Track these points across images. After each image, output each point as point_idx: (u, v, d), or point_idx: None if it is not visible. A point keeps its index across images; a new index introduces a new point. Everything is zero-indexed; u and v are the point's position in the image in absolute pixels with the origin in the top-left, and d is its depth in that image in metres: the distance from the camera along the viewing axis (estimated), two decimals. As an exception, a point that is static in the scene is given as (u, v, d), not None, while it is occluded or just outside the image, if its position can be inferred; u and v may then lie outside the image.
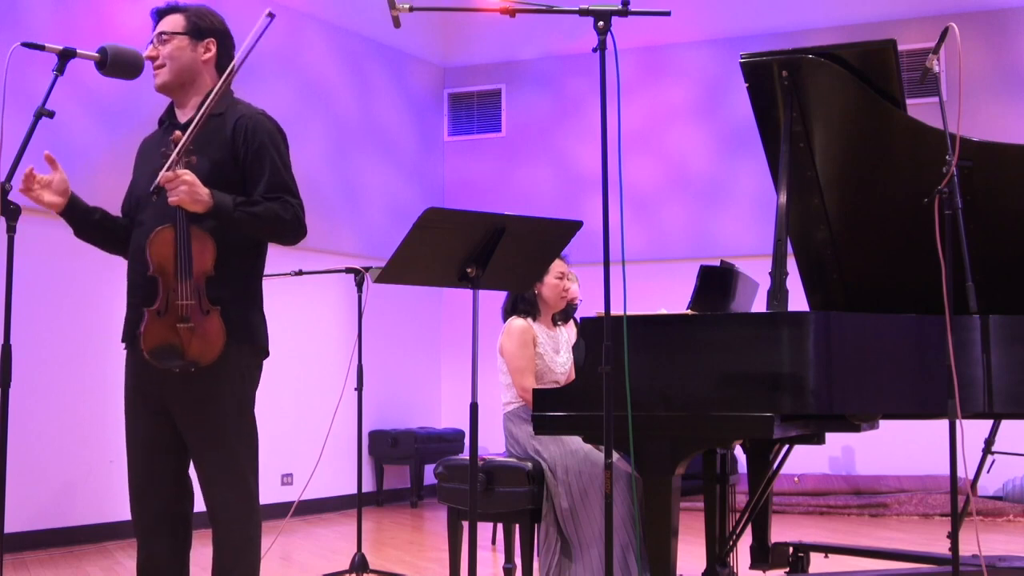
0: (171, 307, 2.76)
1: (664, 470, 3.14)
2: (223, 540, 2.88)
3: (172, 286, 2.77)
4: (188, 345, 2.76)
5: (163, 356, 2.77)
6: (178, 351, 2.76)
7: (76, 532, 6.44)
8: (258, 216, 2.82)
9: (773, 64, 3.51)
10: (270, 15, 2.77)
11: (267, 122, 2.96)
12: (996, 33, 8.38)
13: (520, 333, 4.20)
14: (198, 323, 2.76)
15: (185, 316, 2.75)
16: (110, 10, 6.87)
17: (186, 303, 2.75)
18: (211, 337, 2.78)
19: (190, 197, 2.72)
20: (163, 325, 2.76)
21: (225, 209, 2.78)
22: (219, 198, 2.77)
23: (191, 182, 2.72)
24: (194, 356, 2.76)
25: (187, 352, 2.76)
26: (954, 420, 3.00)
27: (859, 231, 3.80)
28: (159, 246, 2.79)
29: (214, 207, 2.76)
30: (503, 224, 2.95)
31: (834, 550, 4.42)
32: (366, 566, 4.85)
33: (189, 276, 2.76)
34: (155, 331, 2.77)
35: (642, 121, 9.05)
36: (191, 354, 2.76)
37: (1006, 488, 7.73)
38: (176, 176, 2.71)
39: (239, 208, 2.80)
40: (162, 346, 2.76)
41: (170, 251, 2.78)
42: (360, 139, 8.93)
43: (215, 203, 2.76)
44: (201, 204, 2.74)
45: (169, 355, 2.76)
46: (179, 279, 2.76)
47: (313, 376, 7.87)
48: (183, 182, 2.71)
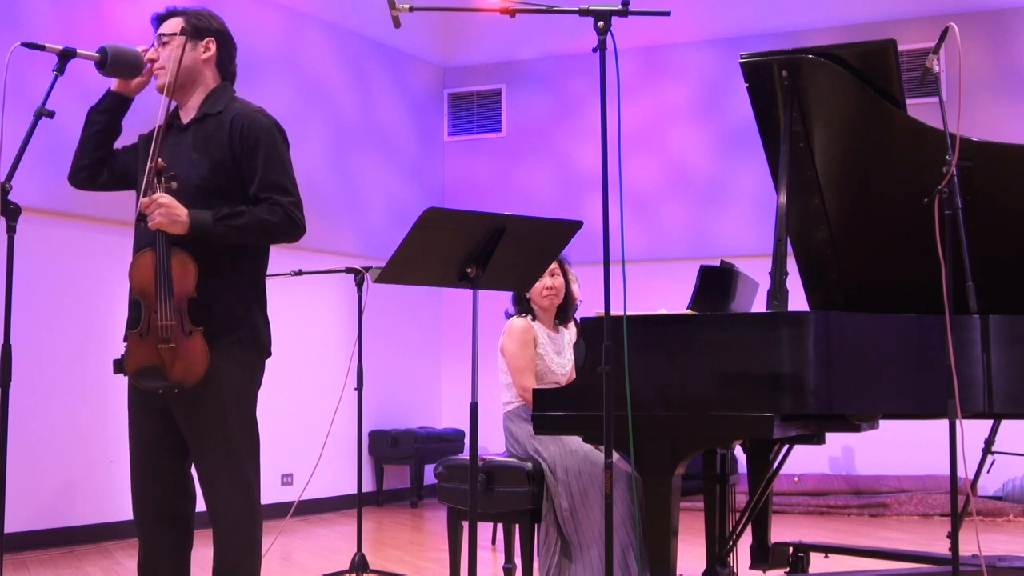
0: (152, 328, 2.78)
1: (664, 470, 3.14)
2: (224, 541, 2.88)
3: (153, 307, 2.79)
4: (171, 366, 2.77)
5: (146, 377, 2.79)
6: (160, 372, 2.77)
7: (76, 532, 6.44)
8: (242, 228, 2.83)
9: (773, 64, 3.51)
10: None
11: (263, 119, 2.95)
12: (996, 33, 8.38)
13: (521, 333, 4.20)
14: (179, 344, 2.77)
15: (165, 337, 2.76)
16: (110, 10, 6.87)
17: (166, 324, 2.76)
18: (193, 358, 2.79)
19: (168, 220, 2.76)
20: (145, 347, 2.78)
21: (205, 227, 2.79)
22: (196, 217, 2.78)
23: (167, 204, 2.75)
24: (177, 377, 2.77)
25: (170, 373, 2.77)
26: (954, 420, 3.00)
27: (859, 231, 3.80)
28: (139, 270, 2.83)
29: (192, 227, 2.78)
30: (503, 224, 2.95)
31: (834, 550, 4.42)
32: (366, 566, 4.85)
33: (170, 297, 2.77)
34: (137, 352, 2.80)
35: (642, 121, 9.05)
36: (174, 375, 2.77)
37: (1006, 488, 7.73)
38: (152, 201, 2.75)
39: (220, 223, 2.81)
40: (144, 367, 2.78)
41: (150, 274, 2.80)
42: (360, 139, 8.93)
43: (192, 223, 2.78)
44: (180, 225, 2.77)
45: (151, 376, 2.78)
46: (159, 300, 2.77)
47: (313, 376, 7.87)
48: (159, 205, 2.75)
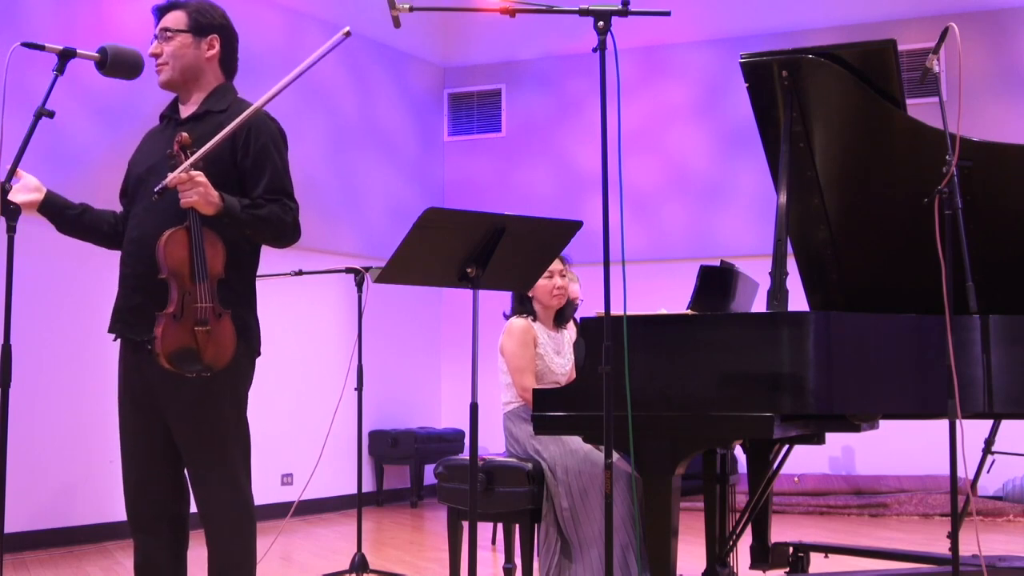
0: (188, 310, 2.73)
1: (664, 470, 3.14)
2: (218, 542, 2.86)
3: (188, 289, 2.73)
4: (204, 349, 2.72)
5: (182, 361, 2.72)
6: (196, 355, 2.72)
7: (76, 532, 6.44)
8: (262, 219, 2.83)
9: (773, 64, 3.51)
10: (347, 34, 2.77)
11: (270, 123, 2.95)
12: (996, 33, 8.38)
13: (521, 333, 4.20)
14: (214, 326, 2.74)
15: (203, 319, 2.72)
16: (110, 10, 6.87)
17: (204, 305, 2.72)
18: (224, 340, 2.76)
19: (204, 199, 2.71)
20: (181, 329, 2.72)
21: (234, 211, 2.77)
22: (229, 200, 2.76)
23: (205, 184, 2.71)
24: (210, 360, 2.74)
25: (203, 356, 2.73)
26: (954, 420, 3.00)
27: (859, 231, 3.80)
28: (174, 248, 2.75)
29: (224, 209, 2.75)
30: (503, 224, 2.95)
31: (834, 550, 4.42)
32: (366, 566, 4.85)
33: (205, 278, 2.73)
34: (173, 335, 2.71)
35: (642, 121, 9.05)
36: (207, 358, 2.73)
37: (1006, 488, 7.73)
38: (190, 178, 2.69)
39: (245, 210, 2.80)
40: (181, 350, 2.71)
41: (185, 253, 2.74)
42: (360, 139, 8.93)
43: (225, 205, 2.75)
44: (213, 207, 2.73)
45: (188, 359, 2.72)
46: (196, 282, 2.73)
47: (313, 376, 7.87)
48: (197, 183, 2.69)
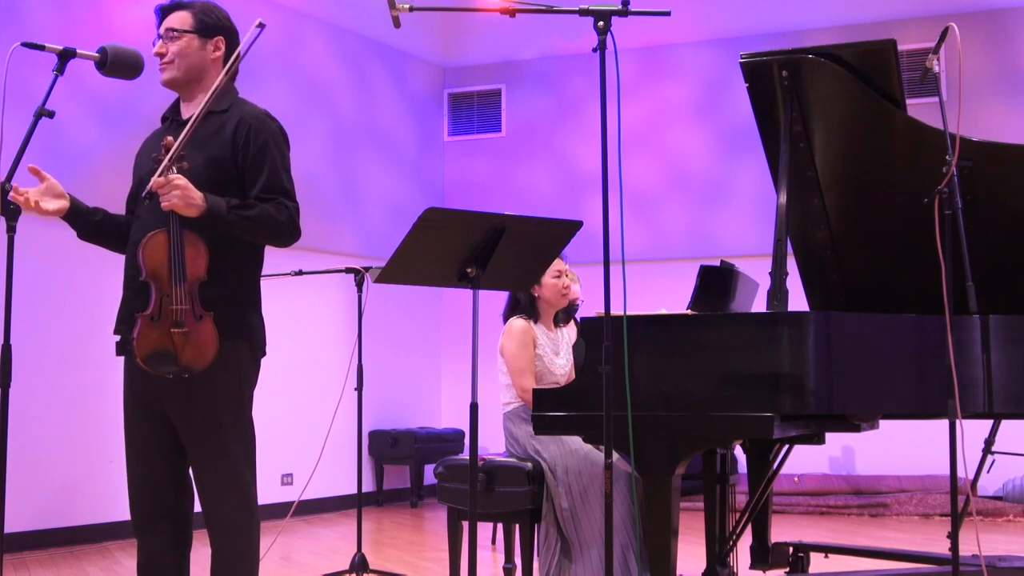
0: (165, 312, 2.73)
1: (664, 470, 3.14)
2: (221, 541, 2.86)
3: (166, 291, 2.74)
4: (182, 351, 2.73)
5: (158, 362, 2.74)
6: (172, 356, 2.73)
7: (76, 532, 6.44)
8: (252, 219, 2.81)
9: (773, 64, 3.51)
10: (260, 25, 2.75)
11: (271, 123, 2.95)
12: (996, 33, 8.38)
13: (521, 334, 4.20)
14: (192, 328, 2.74)
15: (179, 321, 2.72)
16: (110, 10, 6.87)
17: (180, 308, 2.72)
18: (204, 343, 2.76)
19: (183, 202, 2.70)
20: (157, 330, 2.73)
21: (219, 213, 2.75)
22: (212, 202, 2.75)
23: (183, 186, 2.69)
24: (187, 362, 2.74)
25: (181, 357, 2.73)
26: (954, 420, 3.00)
27: (859, 231, 3.80)
28: (152, 251, 2.76)
29: (208, 211, 2.73)
30: (503, 224, 2.95)
31: (834, 550, 4.42)
32: (366, 566, 4.85)
33: (183, 280, 2.73)
34: (149, 336, 2.73)
35: (642, 121, 9.05)
36: (185, 359, 2.73)
37: (1006, 488, 7.73)
38: (168, 181, 2.68)
39: (233, 211, 2.78)
40: (157, 351, 2.73)
41: (164, 256, 2.74)
42: (360, 139, 8.93)
43: (208, 207, 2.73)
44: (195, 208, 2.72)
45: (164, 361, 2.73)
46: (173, 284, 2.73)
47: (313, 376, 7.87)
48: (175, 187, 2.69)
